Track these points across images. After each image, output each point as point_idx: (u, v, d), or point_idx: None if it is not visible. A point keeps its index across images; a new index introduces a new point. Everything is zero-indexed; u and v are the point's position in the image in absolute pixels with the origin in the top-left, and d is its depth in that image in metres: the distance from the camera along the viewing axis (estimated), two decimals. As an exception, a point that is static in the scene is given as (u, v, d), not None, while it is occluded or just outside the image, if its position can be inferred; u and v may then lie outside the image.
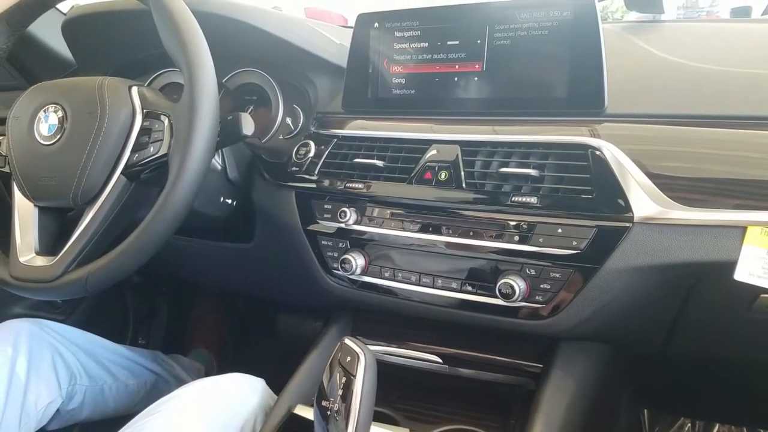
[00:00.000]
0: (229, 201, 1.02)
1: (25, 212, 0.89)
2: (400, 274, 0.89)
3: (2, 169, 0.93)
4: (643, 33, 0.97)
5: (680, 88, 0.83)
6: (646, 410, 1.43)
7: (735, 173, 0.72)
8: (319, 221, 0.95)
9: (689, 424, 1.45)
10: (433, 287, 0.87)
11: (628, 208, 0.73)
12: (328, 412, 0.61)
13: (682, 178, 0.73)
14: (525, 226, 0.79)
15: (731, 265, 0.69)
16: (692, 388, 1.25)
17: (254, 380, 0.93)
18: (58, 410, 1.04)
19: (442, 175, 0.85)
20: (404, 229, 0.88)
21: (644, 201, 0.73)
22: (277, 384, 0.94)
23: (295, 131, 1.05)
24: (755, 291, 0.71)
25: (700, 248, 0.71)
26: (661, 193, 0.72)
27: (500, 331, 0.87)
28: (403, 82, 0.94)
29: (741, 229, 0.69)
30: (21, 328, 1.02)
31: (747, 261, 0.68)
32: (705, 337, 0.90)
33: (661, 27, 1.02)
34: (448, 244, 0.84)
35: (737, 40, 0.94)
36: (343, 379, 0.61)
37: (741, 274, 0.69)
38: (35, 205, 0.89)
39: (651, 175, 0.73)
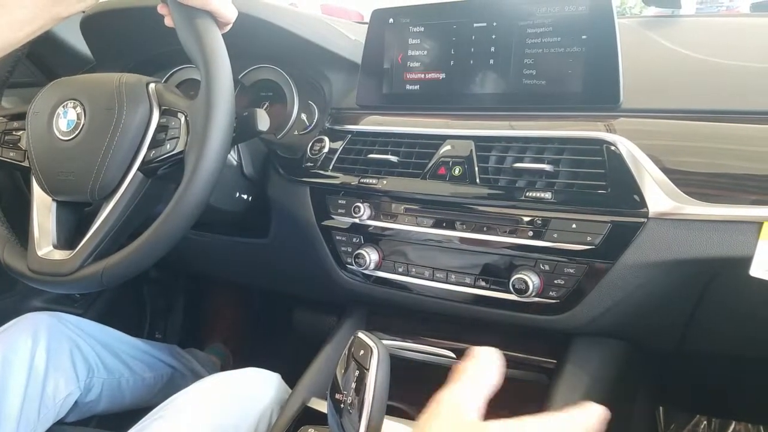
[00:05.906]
0: (245, 196, 1.03)
1: (43, 206, 0.91)
2: (413, 270, 0.89)
3: (21, 164, 0.94)
4: (661, 28, 0.96)
5: (697, 84, 0.82)
6: (661, 408, 1.42)
7: (751, 168, 0.71)
8: (334, 216, 0.95)
9: (705, 422, 1.44)
10: (446, 282, 0.87)
11: (643, 203, 0.73)
12: (342, 405, 0.61)
13: (697, 173, 0.72)
14: (539, 222, 0.79)
15: (747, 261, 0.69)
16: (709, 386, 1.24)
17: (270, 375, 0.93)
18: (76, 402, 1.05)
19: (456, 171, 0.85)
20: (418, 225, 0.88)
21: (659, 196, 0.72)
22: (292, 378, 0.95)
23: (310, 127, 1.05)
24: (772, 287, 0.70)
25: (715, 244, 0.70)
26: (676, 188, 0.72)
27: (514, 327, 0.86)
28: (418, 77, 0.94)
29: (757, 225, 0.68)
30: (40, 321, 1.04)
31: (763, 256, 0.68)
32: (721, 333, 0.89)
33: (679, 22, 1.01)
34: (462, 240, 0.84)
35: (757, 36, 0.92)
36: (357, 373, 0.61)
37: (757, 270, 0.68)
38: (53, 200, 0.90)
39: (666, 171, 0.73)
